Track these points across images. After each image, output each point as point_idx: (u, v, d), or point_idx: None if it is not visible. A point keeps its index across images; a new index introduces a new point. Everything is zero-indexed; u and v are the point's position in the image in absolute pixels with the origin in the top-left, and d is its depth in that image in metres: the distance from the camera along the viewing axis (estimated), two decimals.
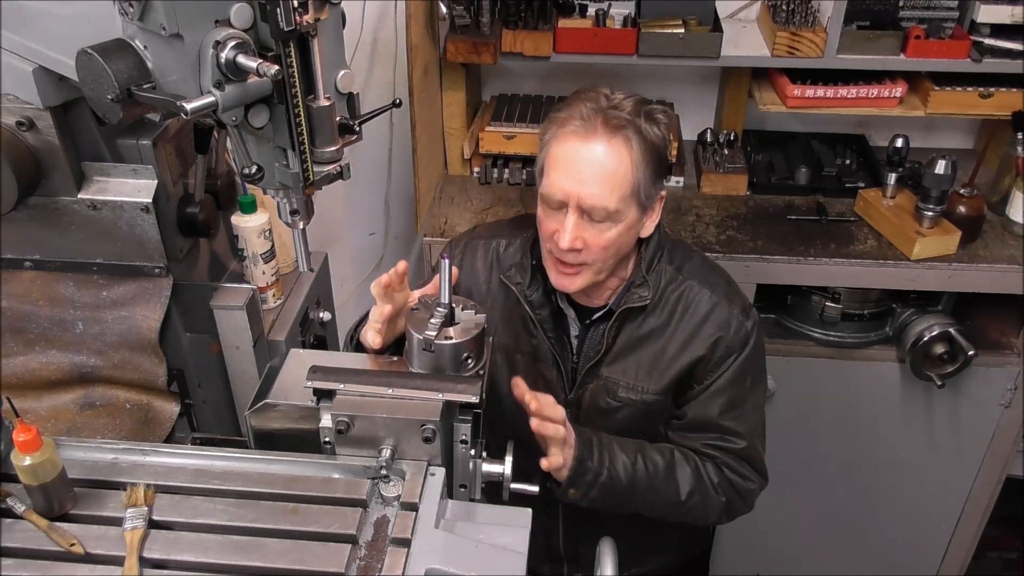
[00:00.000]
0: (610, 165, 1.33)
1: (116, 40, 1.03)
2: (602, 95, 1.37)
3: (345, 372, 1.14)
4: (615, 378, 1.52)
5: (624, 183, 1.34)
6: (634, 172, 1.35)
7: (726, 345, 1.48)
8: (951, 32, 2.12)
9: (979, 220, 2.11)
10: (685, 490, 1.49)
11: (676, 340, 1.49)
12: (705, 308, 1.48)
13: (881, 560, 2.58)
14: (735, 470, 1.52)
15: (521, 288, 1.51)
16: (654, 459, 1.48)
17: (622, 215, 1.36)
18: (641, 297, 1.47)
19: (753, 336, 1.50)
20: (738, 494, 1.53)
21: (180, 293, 1.49)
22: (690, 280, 1.50)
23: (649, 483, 1.47)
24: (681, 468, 1.49)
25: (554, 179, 1.36)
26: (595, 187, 1.33)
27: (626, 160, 1.34)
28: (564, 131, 1.36)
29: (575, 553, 1.69)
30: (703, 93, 2.52)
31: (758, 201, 2.30)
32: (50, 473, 1.02)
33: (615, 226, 1.37)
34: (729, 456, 1.52)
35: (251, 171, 1.05)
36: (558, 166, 1.36)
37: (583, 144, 1.34)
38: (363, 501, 1.07)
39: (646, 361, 1.50)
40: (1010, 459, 2.35)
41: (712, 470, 1.51)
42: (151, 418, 1.50)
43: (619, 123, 1.33)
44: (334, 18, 1.04)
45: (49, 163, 1.34)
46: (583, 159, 1.34)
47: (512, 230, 1.60)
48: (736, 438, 1.51)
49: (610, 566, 1.19)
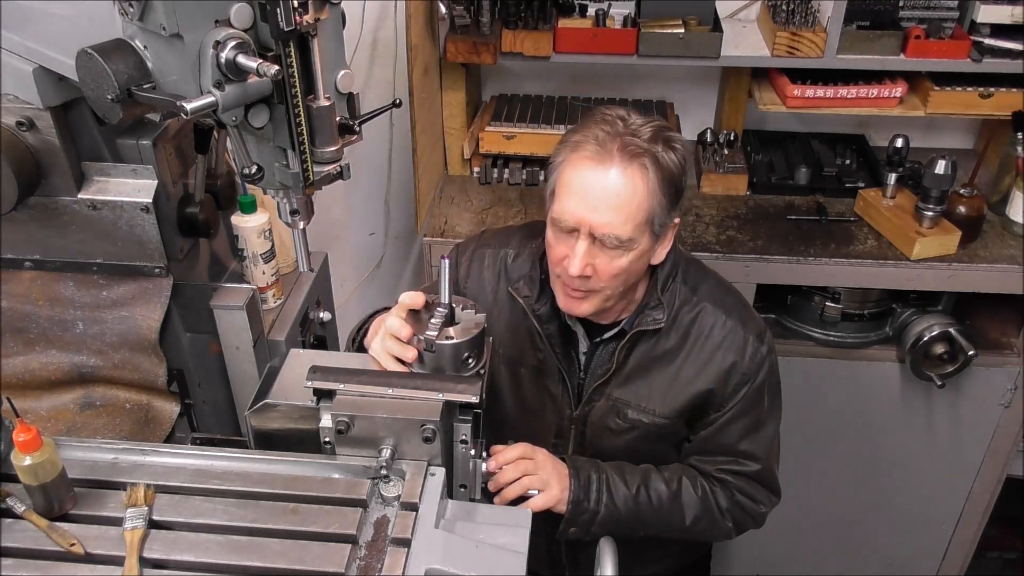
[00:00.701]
0: (625, 194, 1.28)
1: (116, 40, 1.03)
2: (619, 119, 1.32)
3: (345, 372, 1.14)
4: (625, 399, 1.49)
5: (639, 212, 1.30)
6: (649, 201, 1.30)
7: (742, 372, 1.45)
8: (951, 32, 2.12)
9: (979, 220, 2.11)
10: (691, 516, 1.48)
11: (690, 365, 1.46)
12: (720, 334, 1.45)
13: (881, 560, 2.59)
14: (747, 494, 1.51)
15: (529, 302, 1.48)
16: (658, 489, 1.47)
17: (635, 243, 1.32)
18: (655, 320, 1.43)
19: (767, 361, 1.47)
20: (748, 516, 1.53)
21: (180, 293, 1.49)
22: (705, 302, 1.46)
23: (652, 513, 1.47)
24: (687, 495, 1.49)
25: (566, 204, 1.31)
26: (608, 215, 1.29)
27: (641, 189, 1.29)
28: (578, 155, 1.31)
29: (576, 559, 1.68)
30: (703, 93, 2.52)
31: (758, 201, 2.30)
32: (50, 473, 1.02)
33: (627, 254, 1.32)
34: (742, 480, 1.51)
35: (251, 171, 1.05)
36: (571, 191, 1.31)
37: (598, 170, 1.29)
38: (363, 501, 1.07)
39: (658, 384, 1.47)
40: (1010, 459, 2.35)
41: (722, 495, 1.50)
42: (151, 418, 1.50)
43: (636, 150, 1.28)
44: (334, 18, 1.03)
45: (49, 163, 1.34)
46: (597, 185, 1.29)
47: (521, 240, 1.56)
48: (751, 461, 1.50)
49: (610, 566, 1.19)
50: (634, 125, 1.32)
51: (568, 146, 1.33)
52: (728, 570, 2.60)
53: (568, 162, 1.32)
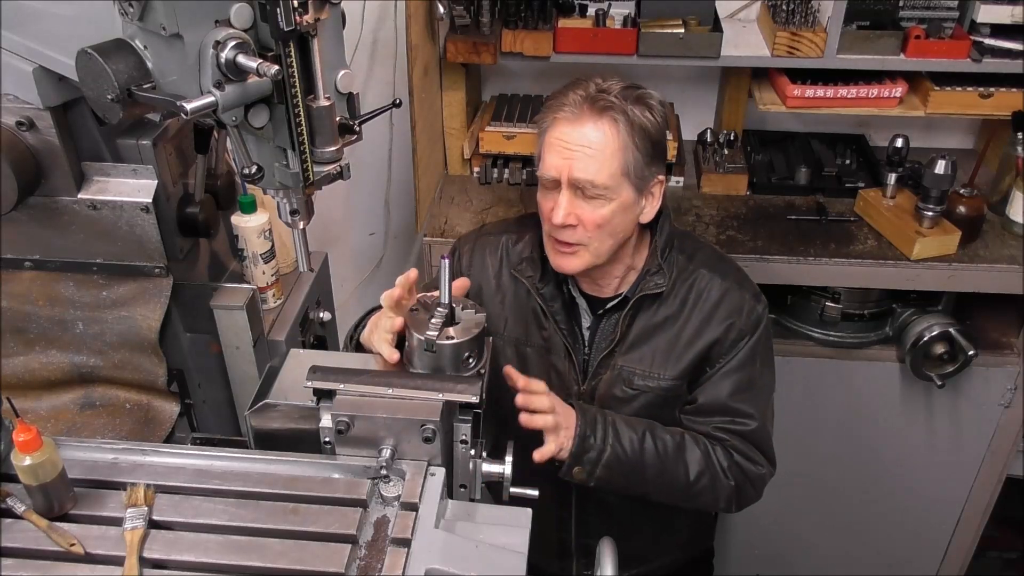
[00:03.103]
0: (597, 144, 1.39)
1: (116, 40, 1.03)
2: (592, 83, 1.44)
3: (345, 372, 1.14)
4: (631, 367, 1.54)
5: (612, 160, 1.40)
6: (623, 152, 1.40)
7: (739, 328, 1.51)
8: (951, 32, 2.12)
9: (979, 220, 2.11)
10: (694, 471, 1.49)
11: (690, 326, 1.52)
12: (717, 294, 1.52)
13: (881, 560, 2.59)
14: (745, 454, 1.53)
15: (532, 281, 1.55)
16: (663, 438, 1.49)
17: (613, 192, 1.41)
18: (657, 284, 1.51)
19: (763, 320, 1.54)
20: (748, 479, 1.53)
21: (180, 293, 1.49)
22: (701, 268, 1.54)
23: (657, 462, 1.47)
24: (691, 450, 1.50)
25: (547, 160, 1.44)
26: (583, 162, 1.40)
27: (613, 139, 1.39)
28: (556, 116, 1.43)
29: (587, 547, 1.69)
30: (703, 93, 2.52)
31: (758, 201, 2.30)
32: (50, 473, 1.02)
33: (608, 203, 1.41)
34: (739, 439, 1.53)
35: (251, 171, 1.05)
36: (551, 148, 1.43)
37: (574, 126, 1.41)
38: (363, 501, 1.07)
39: (661, 348, 1.53)
40: (1010, 459, 2.35)
41: (722, 454, 1.52)
42: (151, 418, 1.50)
43: (606, 104, 1.40)
44: (334, 18, 1.04)
45: (49, 163, 1.34)
46: (573, 139, 1.40)
47: (520, 226, 1.64)
48: (747, 419, 1.53)
49: (610, 566, 1.19)
50: (605, 85, 1.44)
51: (548, 110, 1.45)
52: (729, 570, 2.60)
53: (549, 125, 1.45)
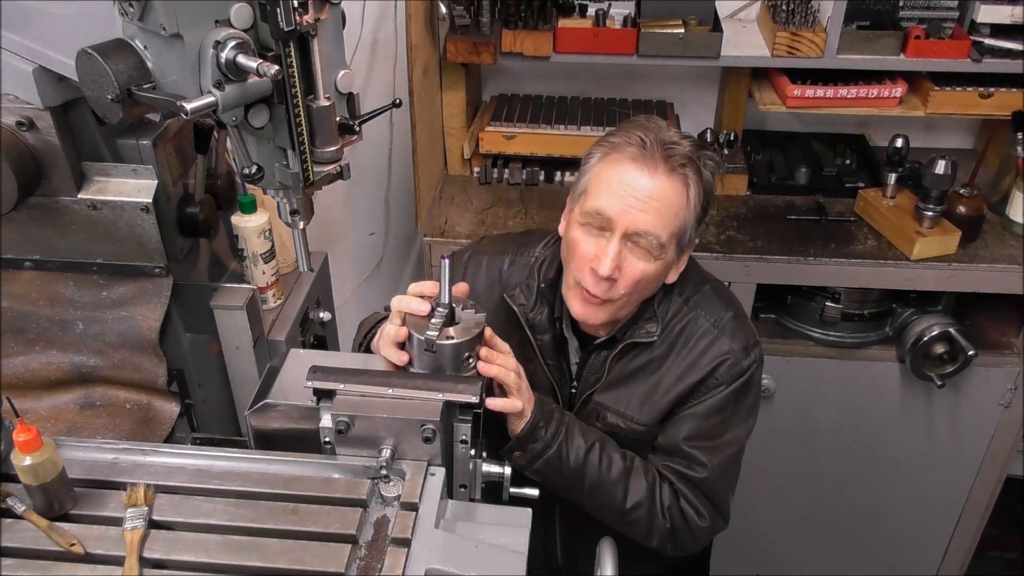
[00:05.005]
0: (666, 199, 1.29)
1: (116, 40, 1.03)
2: (659, 127, 1.33)
3: (345, 372, 1.14)
4: (605, 403, 1.47)
5: (675, 220, 1.30)
6: (687, 212, 1.31)
7: (716, 376, 1.43)
8: (951, 32, 2.12)
9: (979, 220, 2.11)
10: (633, 500, 1.41)
11: (672, 373, 1.44)
12: (705, 342, 1.43)
13: (881, 560, 2.59)
14: (690, 501, 1.44)
15: (524, 310, 1.46)
16: (612, 456, 1.41)
17: (665, 252, 1.32)
18: (648, 333, 1.43)
19: (747, 374, 1.44)
20: (688, 525, 1.45)
21: (180, 293, 1.49)
22: (696, 311, 1.45)
23: (597, 477, 1.39)
24: (636, 478, 1.42)
25: (604, 200, 1.30)
26: (650, 215, 1.28)
27: (683, 198, 1.30)
28: (619, 155, 1.30)
29: (574, 565, 1.66)
30: (703, 93, 2.52)
31: (758, 201, 2.30)
32: (50, 473, 1.02)
33: (654, 262, 1.32)
34: (688, 485, 1.44)
35: (251, 171, 1.05)
36: (610, 188, 1.30)
37: (642, 171, 1.29)
38: (363, 501, 1.07)
39: (639, 392, 1.46)
40: (1010, 459, 2.35)
41: (668, 493, 1.44)
42: (151, 418, 1.50)
43: (681, 160, 1.29)
44: (334, 18, 1.04)
45: (49, 163, 1.34)
46: (641, 187, 1.28)
47: (519, 248, 1.54)
48: (699, 467, 1.43)
49: (610, 566, 1.19)
50: (674, 135, 1.32)
51: (605, 145, 1.33)
52: (728, 570, 2.59)
53: (606, 160, 1.32)
